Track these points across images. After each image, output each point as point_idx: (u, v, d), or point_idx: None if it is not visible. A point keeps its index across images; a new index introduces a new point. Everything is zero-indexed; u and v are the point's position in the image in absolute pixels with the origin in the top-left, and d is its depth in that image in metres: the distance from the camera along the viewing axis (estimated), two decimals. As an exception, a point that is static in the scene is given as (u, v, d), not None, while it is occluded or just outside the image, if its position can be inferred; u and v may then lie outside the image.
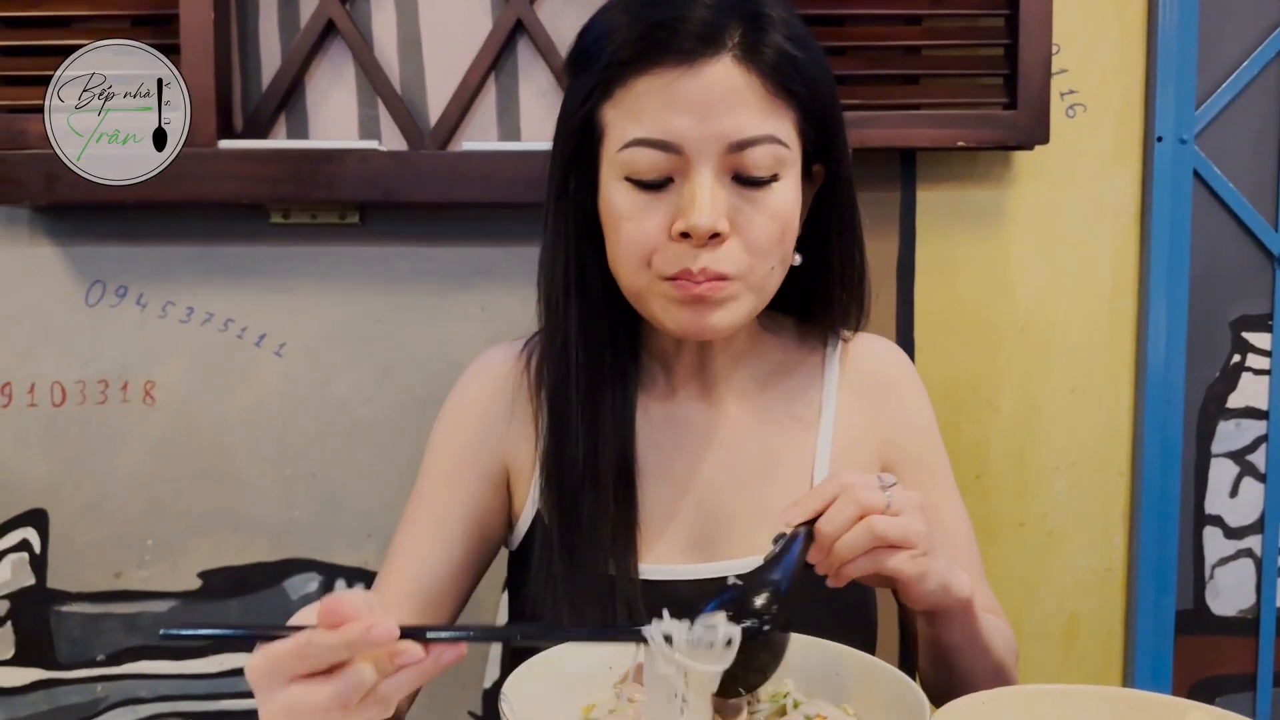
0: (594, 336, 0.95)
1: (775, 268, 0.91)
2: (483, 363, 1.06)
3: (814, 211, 0.98)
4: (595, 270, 0.94)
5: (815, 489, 0.80)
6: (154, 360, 1.54)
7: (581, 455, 0.94)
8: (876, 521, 0.77)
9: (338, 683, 0.61)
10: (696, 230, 0.85)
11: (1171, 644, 1.65)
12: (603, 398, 0.95)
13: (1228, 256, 1.62)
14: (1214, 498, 1.66)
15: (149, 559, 1.56)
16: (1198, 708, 0.69)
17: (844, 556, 0.77)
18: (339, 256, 1.53)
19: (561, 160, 0.95)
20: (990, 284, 1.59)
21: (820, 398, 1.03)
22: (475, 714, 1.58)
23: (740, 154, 0.87)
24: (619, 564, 0.92)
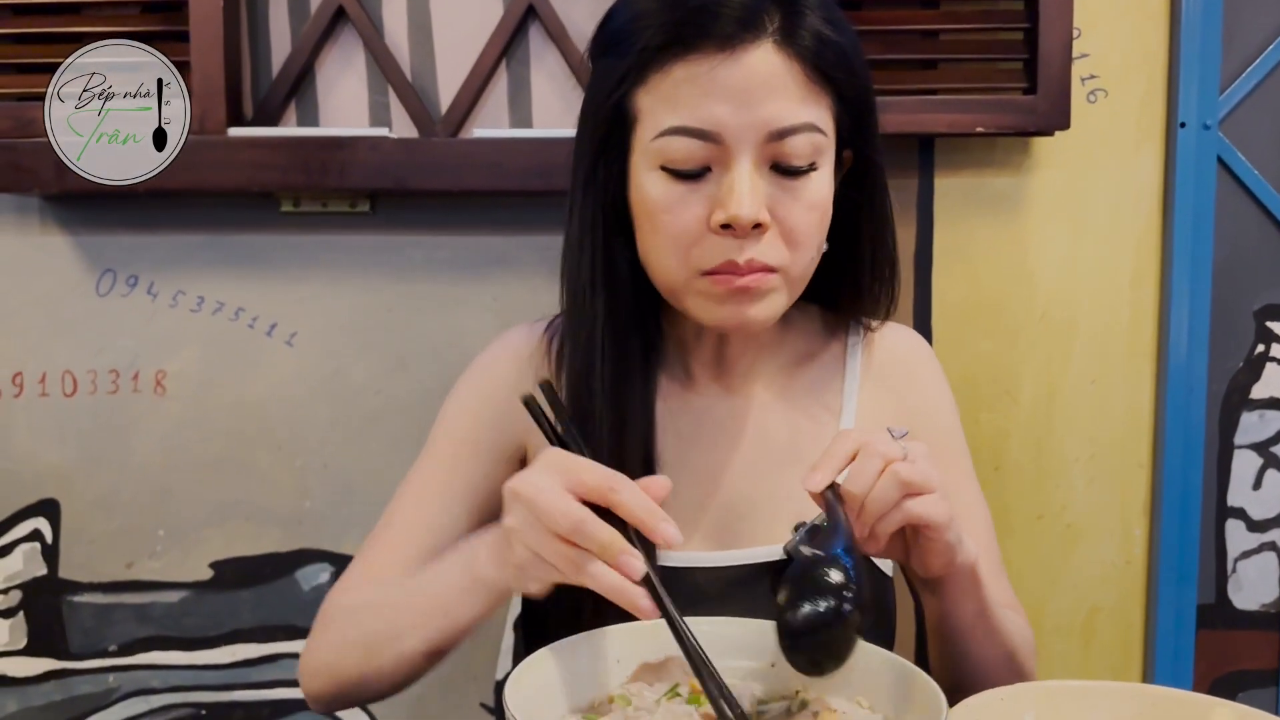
0: (622, 329, 0.93)
1: (813, 258, 0.90)
2: (505, 342, 1.05)
3: (843, 197, 0.95)
4: (623, 260, 0.92)
5: (830, 450, 0.79)
6: (165, 350, 1.54)
7: (604, 444, 0.92)
8: (900, 469, 0.76)
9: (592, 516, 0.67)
10: (739, 221, 0.83)
11: (1193, 638, 1.63)
12: (627, 389, 0.94)
13: (1252, 244, 1.59)
14: (1236, 490, 1.64)
15: (160, 549, 1.56)
16: (1223, 705, 0.67)
17: (876, 513, 0.76)
18: (350, 245, 1.52)
19: (590, 147, 0.92)
20: (1009, 273, 1.57)
21: (843, 387, 1.02)
22: (487, 705, 1.58)
23: (780, 143, 0.85)
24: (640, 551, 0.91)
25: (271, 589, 1.56)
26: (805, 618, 0.67)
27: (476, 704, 1.58)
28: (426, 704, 1.58)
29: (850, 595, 0.68)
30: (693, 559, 0.94)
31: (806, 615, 0.67)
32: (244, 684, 1.57)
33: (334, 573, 1.56)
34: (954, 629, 0.88)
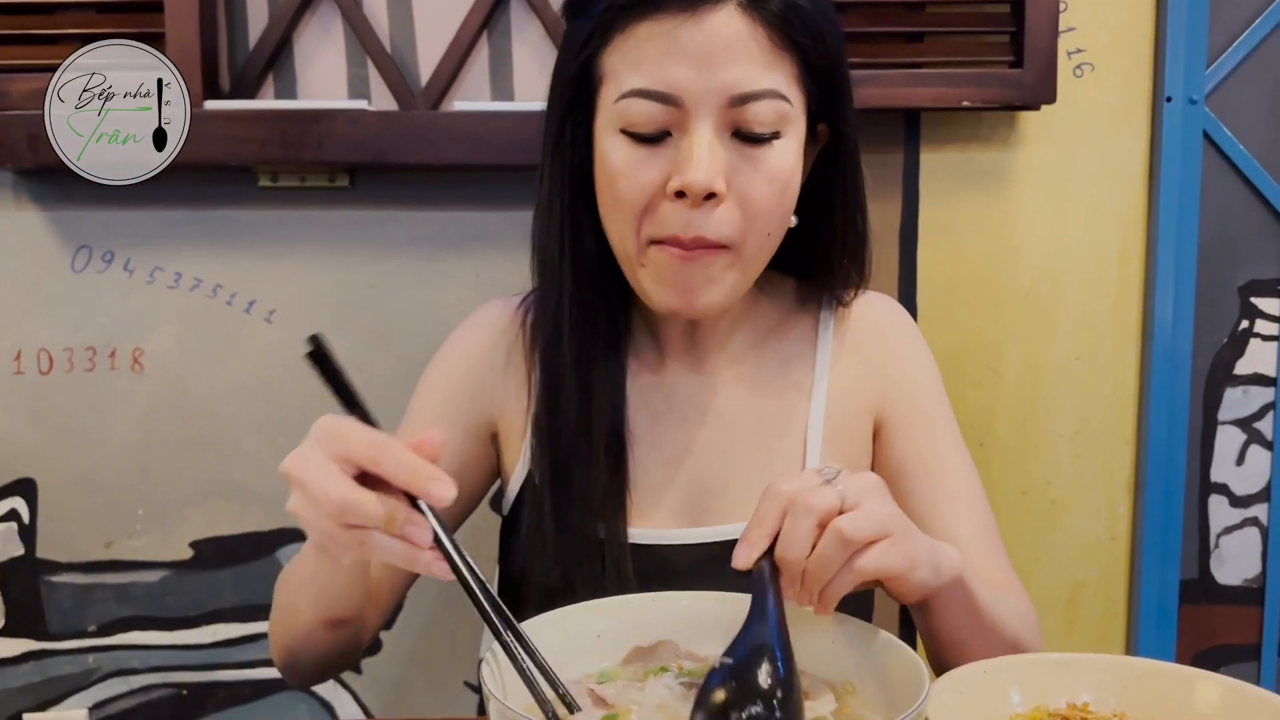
0: (587, 296, 0.93)
1: (771, 234, 0.88)
2: (480, 316, 1.04)
3: (816, 172, 0.94)
4: (589, 228, 0.91)
5: (756, 514, 0.70)
6: (142, 327, 1.52)
7: (573, 416, 0.92)
8: (841, 525, 0.67)
9: (360, 493, 0.62)
10: (693, 189, 0.82)
11: (1175, 613, 1.63)
12: (595, 359, 0.93)
13: (1237, 220, 1.59)
14: (1220, 466, 1.64)
15: (140, 529, 1.54)
16: (1207, 676, 0.66)
17: (822, 579, 0.68)
18: (329, 220, 1.50)
19: (558, 110, 0.91)
20: (995, 248, 1.56)
21: (814, 361, 1.01)
22: (471, 684, 1.57)
23: (741, 108, 0.83)
24: (609, 528, 0.90)
25: (252, 568, 1.55)
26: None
27: (460, 683, 1.57)
28: (410, 683, 1.57)
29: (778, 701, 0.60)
30: (663, 536, 0.93)
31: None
32: (225, 664, 1.56)
33: (316, 551, 1.55)
34: (950, 641, 0.83)
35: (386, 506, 0.63)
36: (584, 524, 0.90)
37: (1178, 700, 0.65)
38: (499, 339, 1.01)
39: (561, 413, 0.92)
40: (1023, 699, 0.67)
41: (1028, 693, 0.68)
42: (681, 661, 0.70)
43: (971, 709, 0.65)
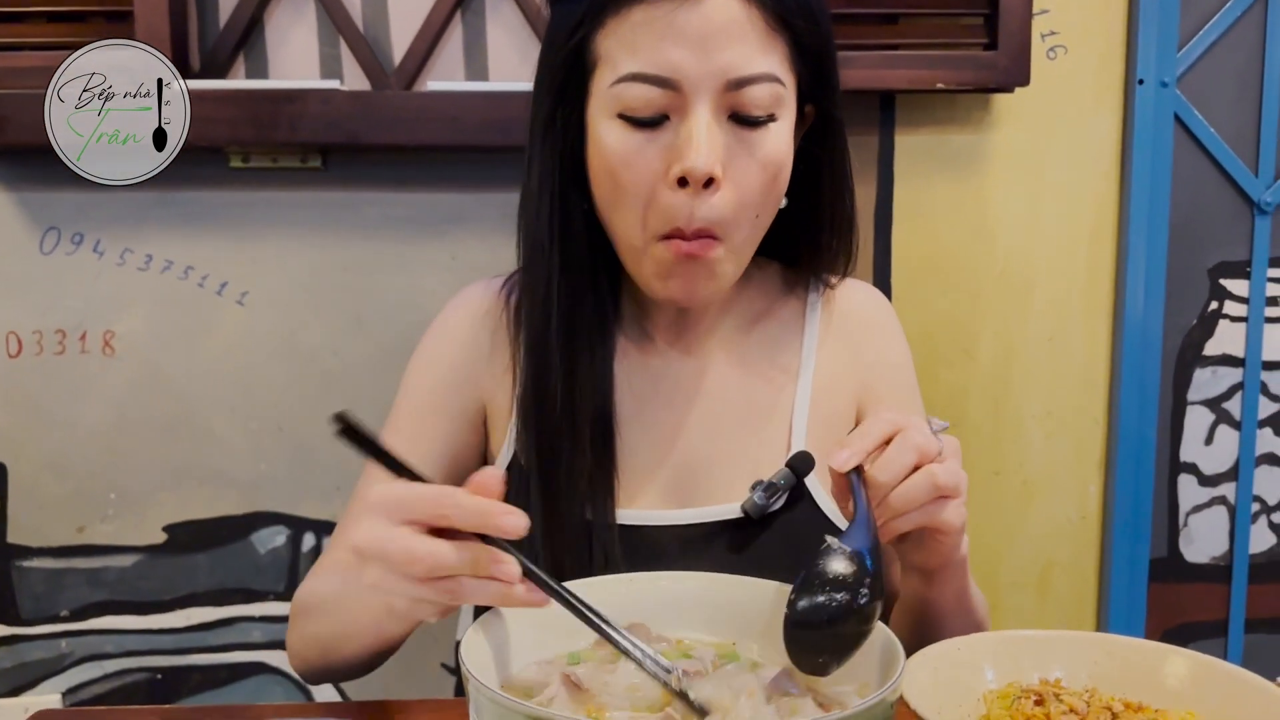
0: (576, 283, 0.92)
1: (759, 216, 0.88)
2: (462, 299, 1.03)
3: (803, 153, 0.94)
4: (579, 213, 0.91)
5: (862, 429, 0.75)
6: (113, 309, 1.50)
7: (560, 402, 0.91)
8: (936, 471, 0.73)
9: (442, 545, 0.62)
10: (694, 174, 0.82)
11: (1145, 591, 1.66)
12: (582, 344, 0.92)
13: (1207, 202, 1.60)
14: (1189, 445, 1.66)
15: (112, 513, 1.53)
16: (1176, 652, 0.67)
17: (900, 509, 0.73)
18: (302, 202, 1.49)
19: (548, 94, 0.90)
20: (969, 230, 1.57)
21: (801, 344, 1.01)
22: (448, 666, 1.57)
23: (739, 92, 0.83)
24: (596, 510, 0.90)
25: (227, 552, 1.54)
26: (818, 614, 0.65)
27: (437, 664, 1.57)
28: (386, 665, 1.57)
29: (866, 595, 0.65)
30: (650, 517, 0.93)
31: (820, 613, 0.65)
32: (200, 648, 1.56)
33: (289, 536, 1.54)
34: (934, 612, 0.87)
35: (471, 552, 0.63)
36: (571, 506, 0.90)
37: (1147, 675, 0.66)
38: (483, 321, 1.00)
39: (548, 396, 0.91)
40: (996, 675, 0.68)
41: (1000, 669, 0.69)
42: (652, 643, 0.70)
43: (946, 685, 0.66)
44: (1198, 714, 0.63)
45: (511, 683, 0.67)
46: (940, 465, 0.73)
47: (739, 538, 0.92)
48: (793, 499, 0.93)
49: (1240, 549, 1.67)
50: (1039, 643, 0.71)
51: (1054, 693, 0.63)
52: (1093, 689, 0.65)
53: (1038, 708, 0.61)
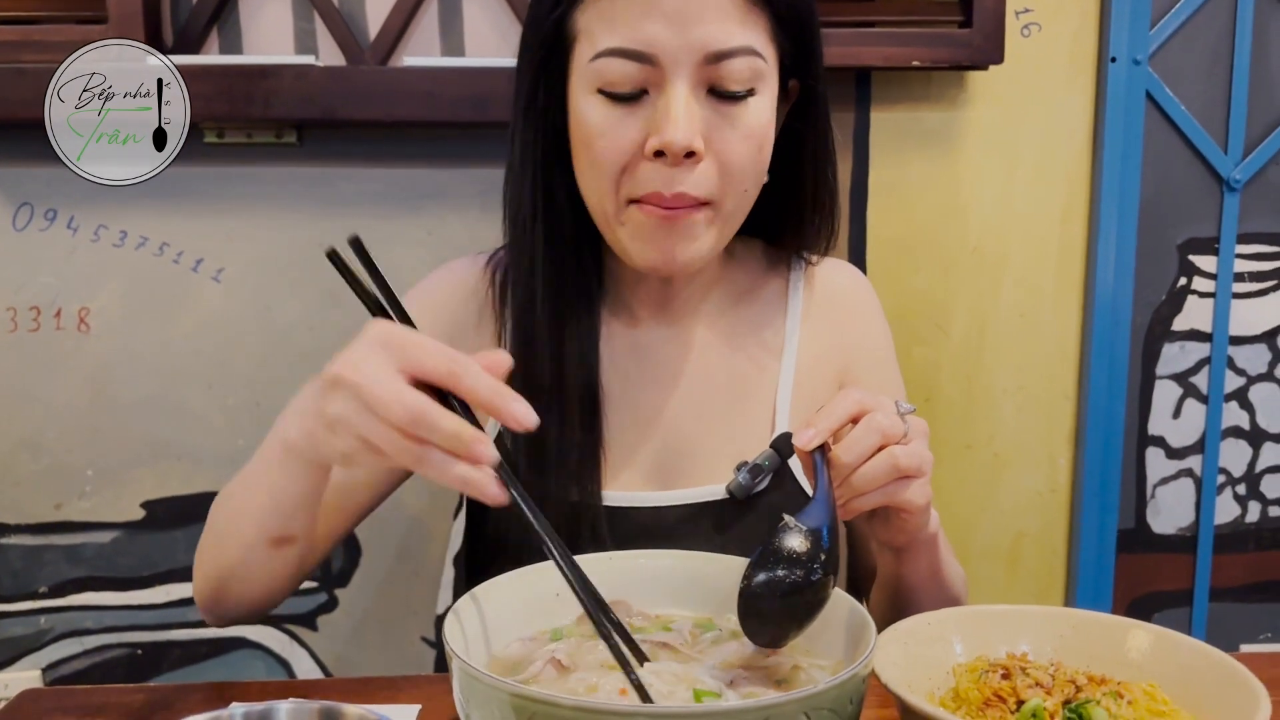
0: (561, 260, 0.92)
1: (748, 190, 0.89)
2: (447, 272, 1.03)
3: (786, 128, 0.95)
4: (562, 189, 0.91)
5: (828, 408, 0.77)
6: (88, 286, 1.49)
7: (546, 377, 0.91)
8: (898, 453, 0.75)
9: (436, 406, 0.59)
10: (672, 148, 0.82)
11: (1113, 562, 1.69)
12: (568, 322, 0.93)
13: (1177, 179, 1.62)
14: (1157, 419, 1.69)
15: (90, 489, 1.53)
16: (1138, 626, 0.69)
17: (861, 489, 0.75)
18: (277, 178, 1.48)
19: (530, 70, 0.90)
20: (943, 207, 1.58)
21: (785, 324, 1.02)
22: (428, 639, 1.58)
23: (717, 66, 0.83)
24: (583, 490, 0.91)
25: (205, 528, 1.54)
26: (771, 589, 0.66)
27: (417, 638, 1.59)
28: (365, 638, 1.58)
29: (819, 570, 0.66)
30: (635, 498, 0.94)
31: (773, 587, 0.66)
32: (180, 623, 1.56)
33: (269, 511, 1.54)
34: (907, 587, 0.89)
35: (457, 423, 0.60)
36: (558, 486, 0.90)
37: (1111, 648, 0.69)
38: (469, 297, 1.00)
39: (535, 373, 0.92)
40: (965, 649, 0.70)
41: (969, 643, 0.71)
42: (633, 619, 0.72)
43: (916, 660, 0.68)
44: (1160, 686, 0.65)
45: (495, 660, 0.69)
46: (903, 447, 0.75)
47: (723, 518, 0.93)
48: (777, 479, 0.94)
49: (1206, 520, 1.70)
50: (1006, 617, 0.73)
51: (1020, 666, 0.65)
52: (1058, 662, 0.67)
53: (1004, 681, 0.63)
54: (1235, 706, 0.61)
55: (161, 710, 0.75)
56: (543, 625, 0.72)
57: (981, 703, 0.62)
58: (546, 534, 0.66)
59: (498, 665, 0.68)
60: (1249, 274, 1.66)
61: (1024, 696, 0.61)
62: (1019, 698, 0.62)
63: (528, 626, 0.71)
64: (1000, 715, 0.61)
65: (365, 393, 0.62)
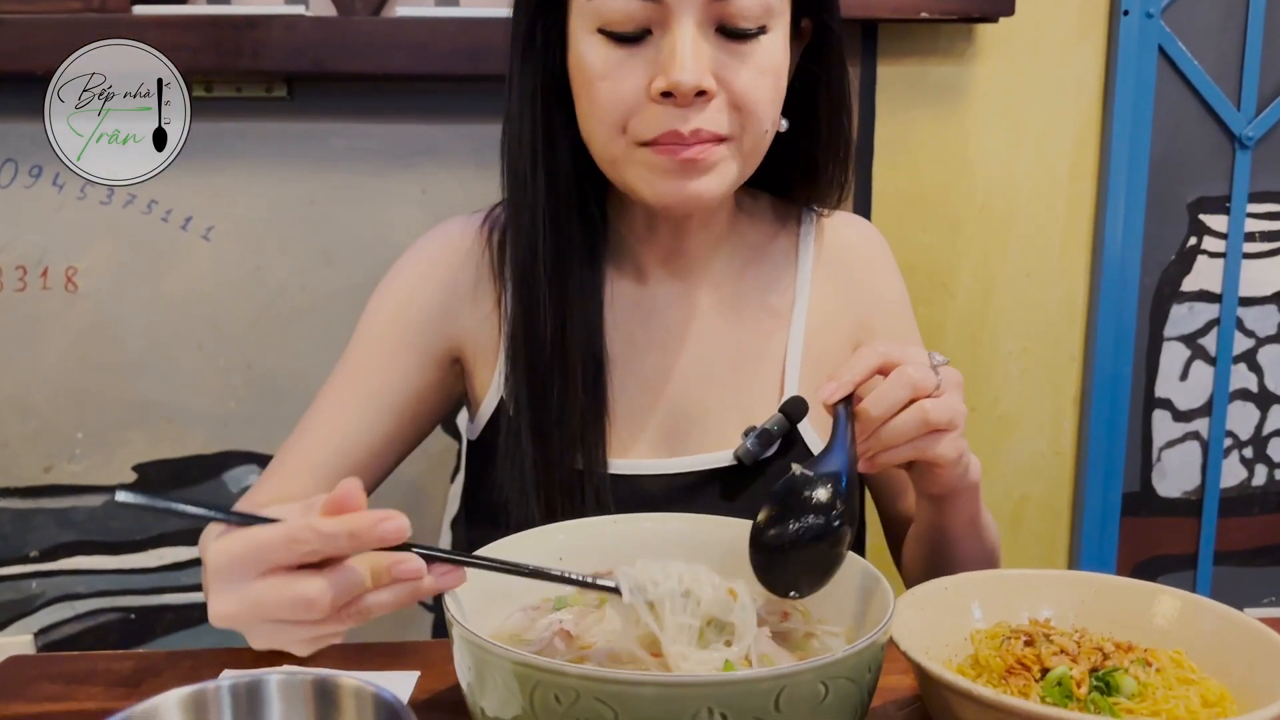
0: (562, 210, 0.88)
1: (768, 130, 0.85)
2: (440, 234, 0.98)
3: (800, 71, 0.91)
4: (564, 137, 0.87)
5: (852, 361, 0.74)
6: (75, 245, 1.46)
7: (549, 339, 0.88)
8: (929, 407, 0.72)
9: (334, 576, 0.54)
10: (680, 88, 0.78)
11: (1117, 525, 1.67)
12: (571, 277, 0.89)
13: (1189, 137, 1.59)
14: (1164, 381, 1.66)
15: (80, 452, 1.50)
16: (1166, 592, 0.67)
17: (889, 443, 0.73)
18: (267, 133, 1.44)
19: (526, 11, 0.86)
20: (950, 163, 1.55)
21: (795, 283, 0.98)
22: (426, 603, 1.57)
23: (725, 3, 0.79)
24: (588, 457, 0.88)
25: (198, 491, 1.52)
26: (788, 538, 0.64)
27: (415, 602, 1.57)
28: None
29: (837, 520, 0.65)
30: (641, 466, 0.91)
31: (790, 535, 0.64)
32: (173, 587, 1.54)
33: (261, 474, 1.52)
34: (947, 537, 0.87)
35: (361, 568, 0.55)
36: (563, 453, 0.87)
37: (1135, 614, 0.66)
38: (464, 259, 0.96)
39: (537, 333, 0.88)
40: (984, 614, 0.68)
41: (988, 608, 0.68)
42: (636, 588, 0.70)
43: (933, 625, 0.65)
44: (1185, 652, 0.63)
45: (498, 631, 0.66)
46: (934, 401, 0.72)
47: (732, 486, 0.91)
48: (786, 445, 0.91)
49: (1212, 483, 1.69)
50: (1026, 582, 0.70)
51: (1044, 633, 0.63)
52: (1082, 629, 0.65)
53: (1028, 648, 0.61)
54: (1264, 673, 0.59)
55: (151, 677, 0.73)
56: (545, 593, 0.69)
57: (1004, 670, 0.60)
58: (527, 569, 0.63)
59: (499, 636, 0.66)
60: (1260, 233, 1.63)
61: (1049, 664, 0.59)
62: (1043, 665, 0.59)
63: (527, 592, 0.69)
64: (1024, 683, 0.58)
65: (268, 616, 0.56)
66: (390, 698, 0.51)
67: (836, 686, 0.52)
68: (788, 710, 0.51)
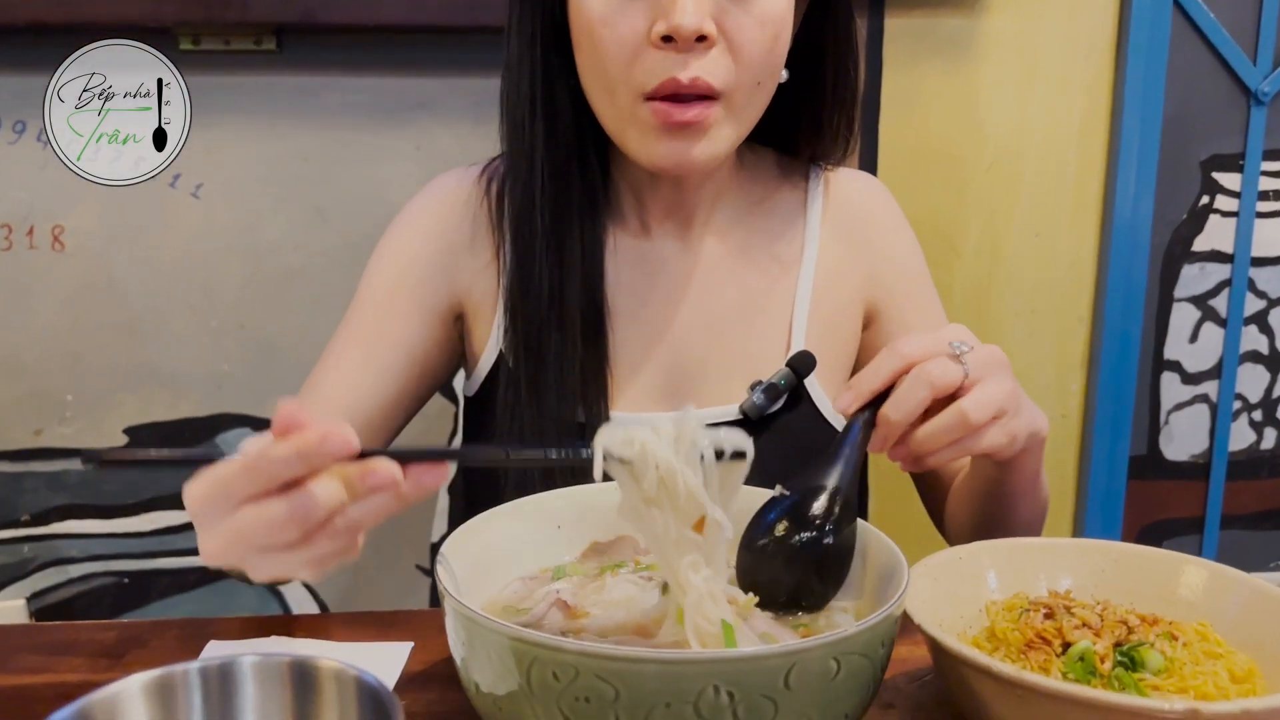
0: (561, 160, 0.87)
1: (762, 83, 0.83)
2: (438, 188, 0.97)
3: (806, 21, 0.89)
4: (563, 85, 0.86)
5: (873, 365, 0.70)
6: (62, 203, 1.42)
7: (546, 289, 0.86)
8: (968, 408, 0.67)
9: (293, 498, 0.53)
10: (680, 31, 0.76)
11: (1123, 489, 1.65)
12: (570, 227, 0.87)
13: (1203, 92, 1.55)
14: (1174, 343, 1.64)
15: (70, 415, 1.48)
16: (1192, 562, 0.64)
17: (928, 448, 0.68)
18: (257, 87, 1.40)
19: None
20: (958, 120, 1.51)
21: (802, 236, 0.96)
22: (423, 568, 1.55)
23: None
24: (589, 409, 0.86)
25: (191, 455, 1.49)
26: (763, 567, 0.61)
27: (411, 566, 1.55)
28: (361, 566, 1.55)
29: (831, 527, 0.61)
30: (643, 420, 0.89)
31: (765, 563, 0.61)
32: (167, 551, 1.52)
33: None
34: (1008, 494, 0.83)
35: (334, 482, 0.54)
36: (562, 406, 0.86)
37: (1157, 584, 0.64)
38: (462, 212, 0.94)
39: (534, 282, 0.87)
40: (1000, 584, 0.65)
41: (1004, 578, 0.66)
42: (639, 557, 0.67)
43: (947, 596, 0.63)
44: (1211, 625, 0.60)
45: (493, 602, 0.64)
46: (970, 398, 0.68)
47: None
48: (792, 400, 0.89)
49: (1220, 447, 1.66)
50: (1044, 550, 0.67)
51: (1065, 605, 0.60)
52: (1105, 601, 0.62)
53: (1048, 621, 0.59)
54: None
55: (135, 647, 0.71)
56: (544, 562, 0.67)
57: (1023, 645, 0.57)
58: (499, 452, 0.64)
59: (495, 608, 0.63)
60: (1274, 192, 1.60)
61: (1070, 639, 0.56)
62: (1065, 640, 0.57)
63: (527, 564, 0.66)
64: (1044, 659, 0.56)
65: (249, 543, 0.55)
66: (374, 682, 0.48)
67: (849, 662, 0.50)
68: (798, 688, 0.48)
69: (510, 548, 0.65)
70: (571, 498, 0.69)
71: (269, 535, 0.54)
